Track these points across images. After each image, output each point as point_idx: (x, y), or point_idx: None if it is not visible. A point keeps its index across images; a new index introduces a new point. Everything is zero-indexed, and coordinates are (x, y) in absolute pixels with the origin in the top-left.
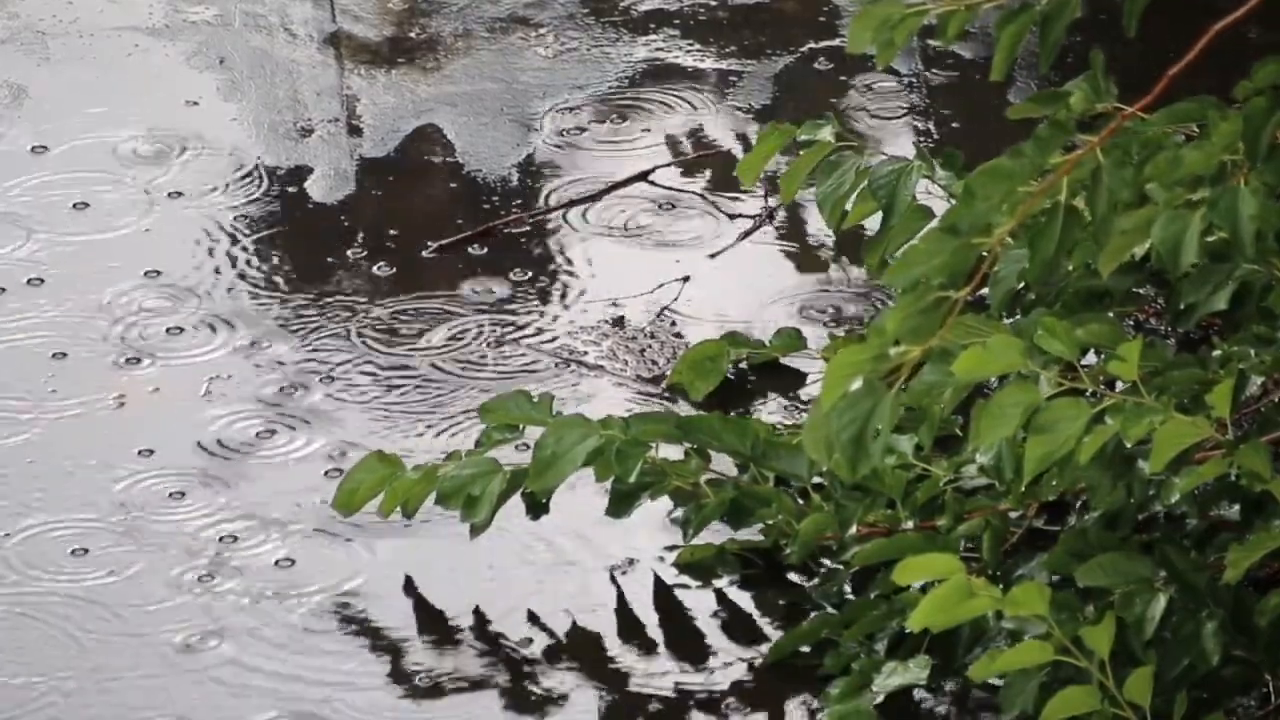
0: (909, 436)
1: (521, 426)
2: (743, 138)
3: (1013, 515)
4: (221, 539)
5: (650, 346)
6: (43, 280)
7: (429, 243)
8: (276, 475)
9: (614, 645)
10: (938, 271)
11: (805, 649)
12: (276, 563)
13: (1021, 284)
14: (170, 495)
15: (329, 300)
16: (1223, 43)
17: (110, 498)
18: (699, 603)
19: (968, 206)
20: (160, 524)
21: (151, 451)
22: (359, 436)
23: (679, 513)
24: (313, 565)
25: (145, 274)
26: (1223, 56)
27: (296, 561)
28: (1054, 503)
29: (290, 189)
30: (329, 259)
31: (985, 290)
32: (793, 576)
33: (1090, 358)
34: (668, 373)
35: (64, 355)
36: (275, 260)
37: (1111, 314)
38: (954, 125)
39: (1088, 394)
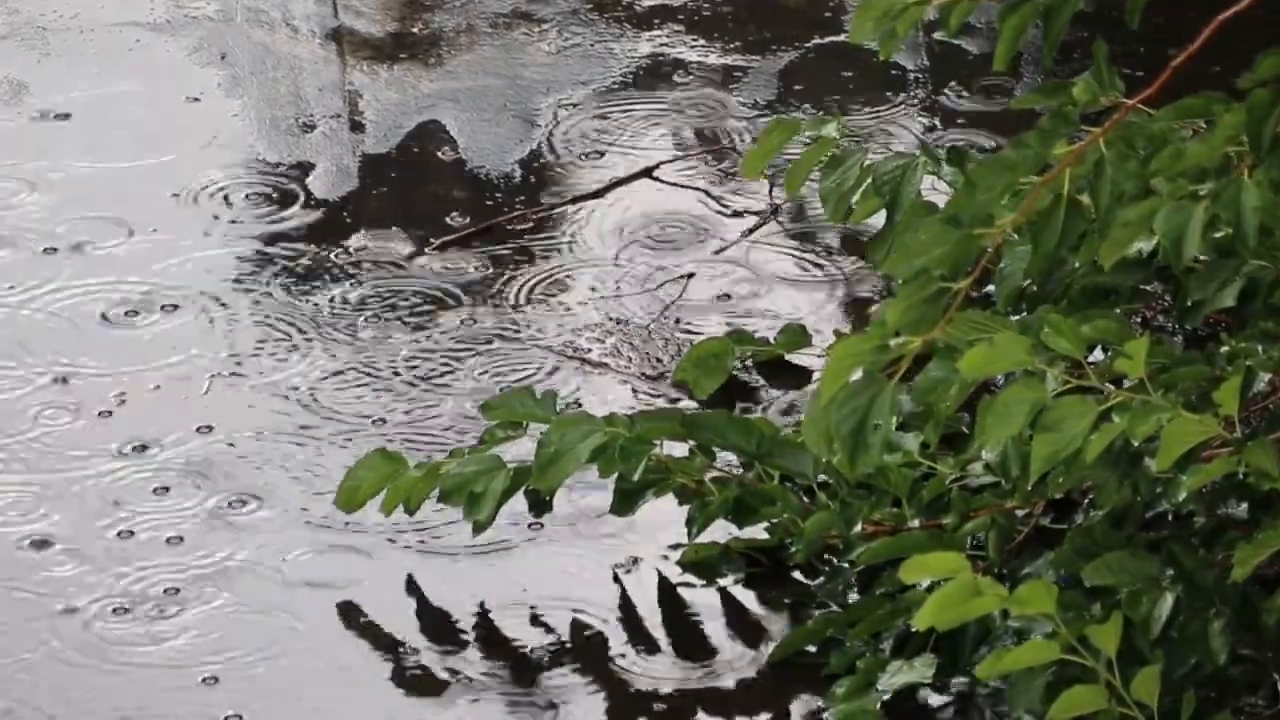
0: (915, 434)
1: (524, 423)
2: (747, 133)
3: (1019, 513)
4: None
5: (654, 344)
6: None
7: (431, 239)
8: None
9: (617, 644)
10: (939, 263)
11: (810, 648)
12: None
13: (1027, 281)
14: (155, 490)
15: (331, 297)
16: (1225, 34)
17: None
18: (703, 601)
19: (969, 197)
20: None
21: (145, 447)
22: (362, 436)
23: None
24: (312, 564)
25: (146, 271)
26: (1227, 48)
27: (296, 560)
28: (1060, 501)
29: (292, 185)
30: (330, 256)
31: (991, 287)
32: (797, 575)
33: (1097, 354)
34: (672, 370)
35: (64, 354)
36: (276, 257)
37: (1118, 311)
38: (959, 121)
39: (1094, 392)
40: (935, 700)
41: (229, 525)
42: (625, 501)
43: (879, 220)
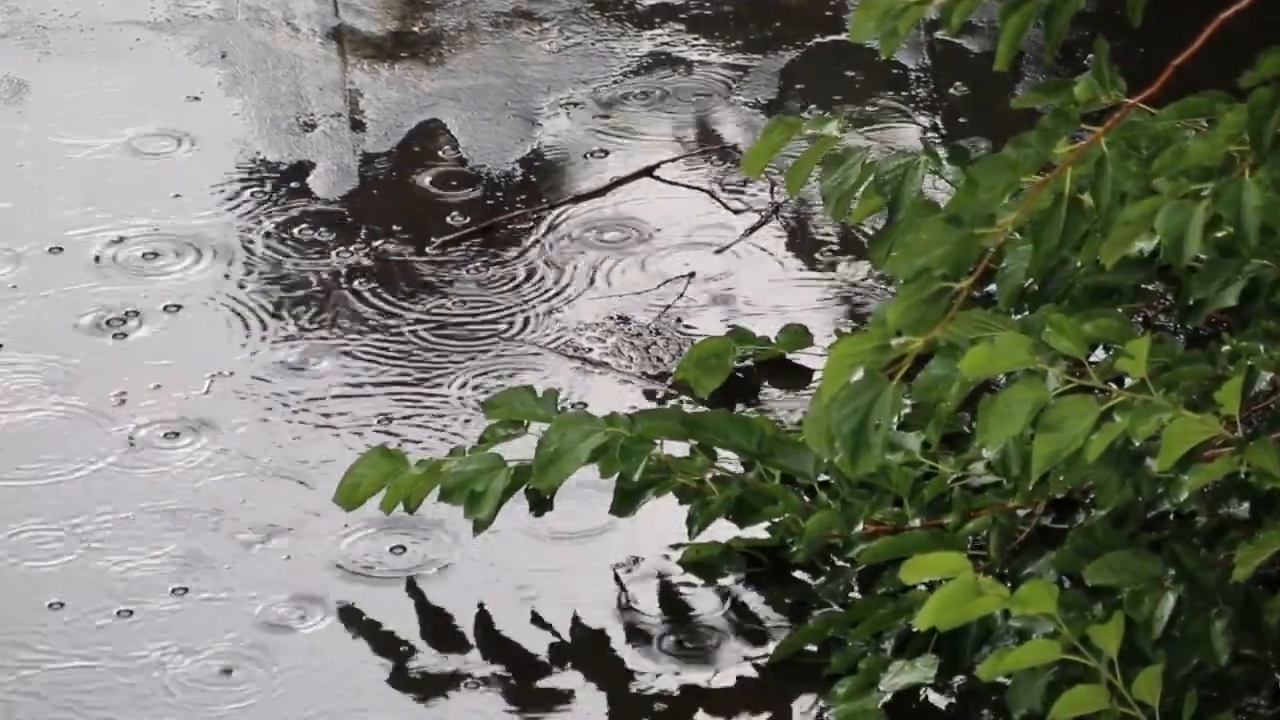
0: (916, 433)
1: (525, 423)
2: (748, 132)
3: (1020, 513)
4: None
5: (655, 343)
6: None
7: (432, 238)
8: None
9: (619, 644)
10: (940, 262)
11: (811, 648)
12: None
13: (1029, 280)
14: (157, 491)
15: (332, 297)
16: (1225, 34)
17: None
18: (704, 601)
19: (970, 196)
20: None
21: (150, 447)
22: (363, 434)
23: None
24: (312, 564)
25: (146, 270)
26: (1227, 48)
27: (296, 560)
28: (1062, 500)
29: (293, 184)
30: (331, 255)
31: (992, 287)
32: (799, 575)
33: (1098, 354)
34: (673, 369)
35: (65, 354)
36: (277, 256)
37: (1120, 310)
38: (961, 120)
39: (1096, 391)
40: (937, 700)
41: (229, 526)
42: (625, 501)
43: (881, 219)
